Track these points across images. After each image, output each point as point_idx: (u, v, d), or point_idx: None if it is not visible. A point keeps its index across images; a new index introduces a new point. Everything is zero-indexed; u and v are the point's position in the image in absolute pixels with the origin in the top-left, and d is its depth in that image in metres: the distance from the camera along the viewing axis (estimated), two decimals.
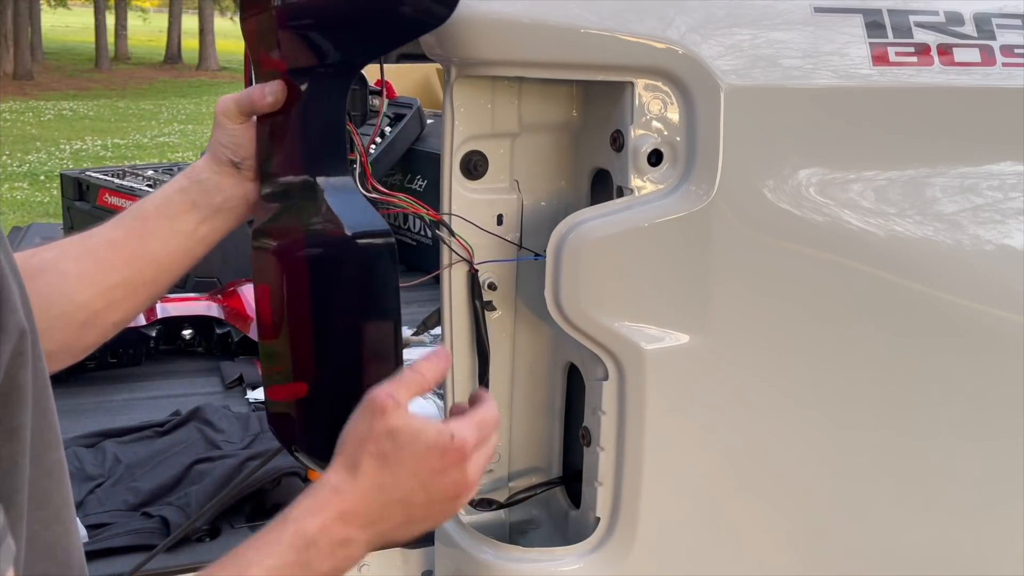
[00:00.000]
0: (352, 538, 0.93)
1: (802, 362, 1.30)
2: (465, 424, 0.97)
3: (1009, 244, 1.40)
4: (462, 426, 0.97)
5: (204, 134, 14.89)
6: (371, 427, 0.96)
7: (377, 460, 0.94)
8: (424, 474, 0.95)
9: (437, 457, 0.95)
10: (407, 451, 0.95)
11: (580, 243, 1.19)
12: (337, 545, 0.93)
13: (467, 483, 0.97)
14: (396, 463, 0.94)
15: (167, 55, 29.95)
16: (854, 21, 1.29)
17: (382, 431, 0.95)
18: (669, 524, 1.29)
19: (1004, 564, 1.47)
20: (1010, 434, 1.42)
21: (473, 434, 0.97)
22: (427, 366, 1.01)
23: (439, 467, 0.95)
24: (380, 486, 0.94)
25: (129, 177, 3.56)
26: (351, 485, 0.94)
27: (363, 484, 0.94)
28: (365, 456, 0.95)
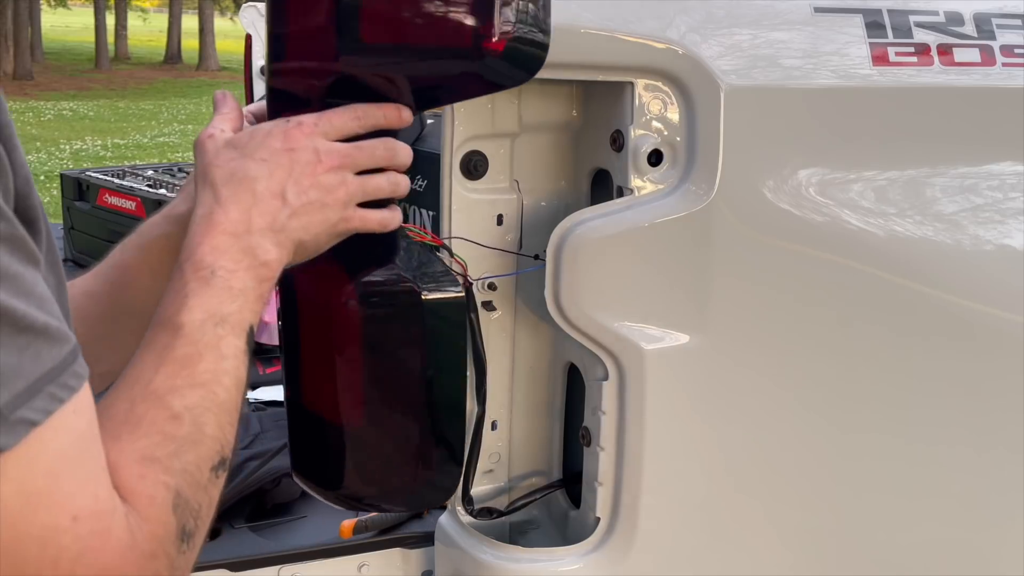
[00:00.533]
0: (252, 245, 0.93)
1: (802, 362, 1.30)
2: (305, 114, 0.98)
3: (1009, 244, 1.40)
4: (300, 115, 0.98)
5: None
6: (205, 152, 0.98)
7: (227, 171, 0.95)
8: (276, 157, 0.95)
9: (280, 138, 0.96)
10: (250, 147, 0.96)
11: (580, 243, 1.19)
12: (240, 257, 0.92)
13: (320, 159, 0.96)
14: (246, 159, 0.95)
15: (167, 55, 29.97)
16: (854, 21, 1.29)
17: (220, 147, 0.97)
18: (669, 524, 1.29)
19: (1004, 564, 1.47)
20: (1010, 434, 1.42)
21: (311, 116, 0.97)
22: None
23: (285, 147, 0.95)
24: (240, 187, 0.94)
25: (129, 177, 3.56)
26: (215, 204, 0.94)
27: (225, 196, 0.94)
28: (215, 175, 0.95)
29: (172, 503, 0.81)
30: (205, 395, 0.87)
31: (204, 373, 0.87)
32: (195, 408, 0.86)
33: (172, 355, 0.87)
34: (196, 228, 0.93)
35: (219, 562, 1.87)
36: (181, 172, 3.68)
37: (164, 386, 0.86)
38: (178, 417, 0.85)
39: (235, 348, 0.90)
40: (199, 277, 0.90)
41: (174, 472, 0.82)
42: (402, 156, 1.03)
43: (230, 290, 0.91)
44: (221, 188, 0.94)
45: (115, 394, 0.87)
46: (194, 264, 0.91)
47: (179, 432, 0.84)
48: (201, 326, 0.88)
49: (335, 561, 1.93)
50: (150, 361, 0.87)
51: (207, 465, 0.85)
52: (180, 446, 0.83)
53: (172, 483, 0.82)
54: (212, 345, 0.88)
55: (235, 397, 0.89)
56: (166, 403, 0.85)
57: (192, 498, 0.83)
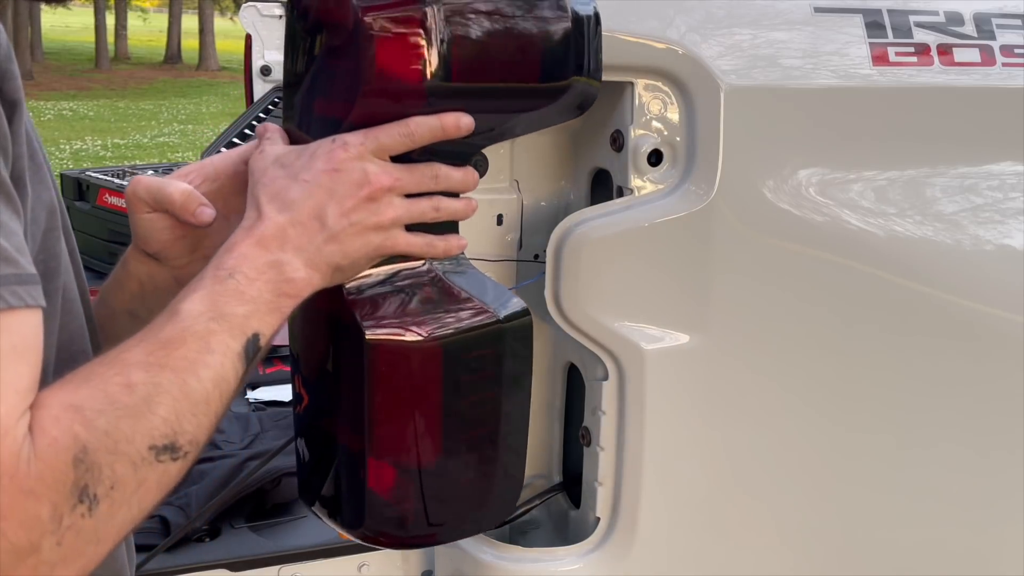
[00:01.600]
0: (281, 260, 0.92)
1: (802, 362, 1.30)
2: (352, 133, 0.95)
3: (1009, 244, 1.40)
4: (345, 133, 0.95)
5: (204, 134, 14.90)
6: (253, 171, 0.96)
7: (271, 187, 0.94)
8: (319, 178, 0.93)
9: (324, 159, 0.93)
10: (295, 166, 0.94)
11: (580, 243, 1.19)
12: (264, 268, 0.91)
13: (369, 180, 0.93)
14: (290, 180, 0.94)
15: (167, 55, 29.96)
16: (854, 21, 1.29)
17: (268, 164, 0.96)
18: (669, 524, 1.29)
19: (1004, 564, 1.47)
20: (1010, 434, 1.42)
21: (357, 135, 0.94)
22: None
23: (329, 167, 0.93)
24: (284, 206, 0.93)
25: (129, 177, 3.56)
26: (257, 219, 0.93)
27: (267, 211, 0.93)
28: (260, 190, 0.94)
29: (74, 455, 0.79)
30: (172, 379, 0.85)
31: (180, 359, 0.86)
32: (154, 386, 0.84)
33: (157, 335, 0.87)
34: (233, 237, 0.93)
35: (219, 562, 1.87)
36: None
37: (134, 358, 0.85)
38: (131, 387, 0.83)
39: (226, 346, 0.88)
40: (216, 276, 0.90)
41: (93, 429, 0.80)
42: (455, 181, 0.99)
43: (241, 295, 0.90)
44: (265, 206, 0.93)
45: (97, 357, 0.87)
46: (216, 264, 0.91)
47: (123, 400, 0.82)
48: (196, 317, 0.88)
49: (335, 561, 1.93)
50: (139, 337, 0.87)
51: (144, 442, 0.82)
52: (117, 412, 0.82)
53: (84, 437, 0.80)
54: (200, 336, 0.87)
55: (209, 392, 0.87)
56: (126, 372, 0.84)
57: (105, 463, 0.80)
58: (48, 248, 0.90)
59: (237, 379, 0.90)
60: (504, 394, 1.04)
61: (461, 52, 0.94)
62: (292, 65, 1.03)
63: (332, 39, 0.96)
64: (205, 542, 1.90)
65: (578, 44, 1.00)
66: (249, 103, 3.98)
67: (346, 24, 0.93)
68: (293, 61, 1.02)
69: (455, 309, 1.00)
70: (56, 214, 0.92)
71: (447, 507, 1.05)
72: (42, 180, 0.91)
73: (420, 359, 0.99)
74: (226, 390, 0.89)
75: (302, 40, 1.00)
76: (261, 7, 3.89)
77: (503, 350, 1.03)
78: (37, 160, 0.91)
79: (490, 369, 1.03)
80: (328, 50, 0.97)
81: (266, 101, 3.89)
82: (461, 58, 0.94)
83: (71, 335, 0.95)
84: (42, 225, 0.89)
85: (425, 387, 1.00)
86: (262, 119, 3.86)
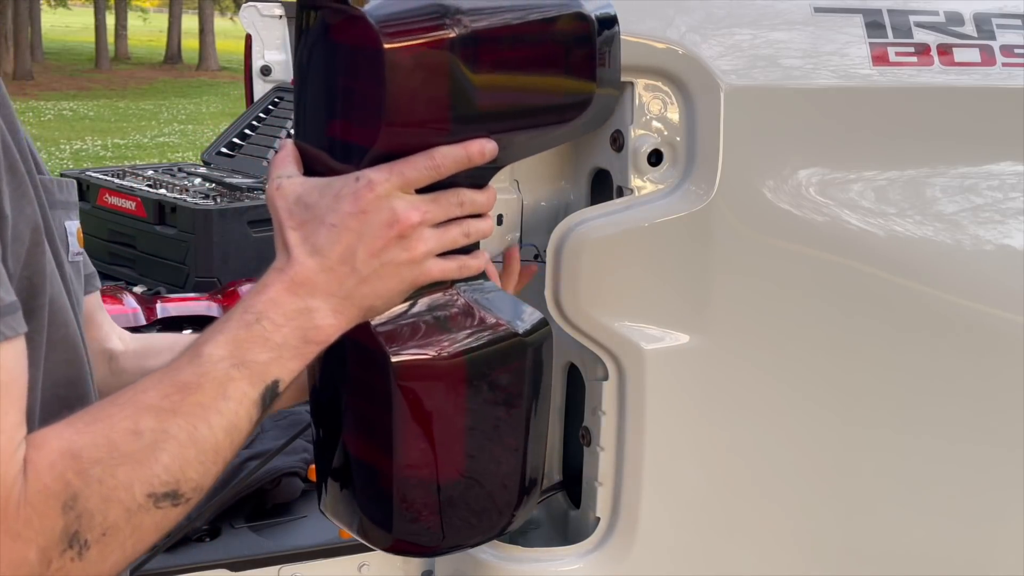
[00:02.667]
0: (311, 307, 0.91)
1: (802, 362, 1.30)
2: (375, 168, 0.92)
3: (1009, 244, 1.40)
4: (369, 168, 0.92)
5: (204, 134, 14.90)
6: (276, 210, 0.95)
7: (299, 230, 0.93)
8: (346, 222, 0.91)
9: (350, 201, 0.91)
10: (320, 207, 0.92)
11: (580, 243, 1.19)
12: (293, 315, 0.91)
13: (398, 219, 0.91)
14: (317, 223, 0.92)
15: (167, 55, 29.95)
16: (854, 21, 1.29)
17: (291, 204, 0.94)
18: (669, 524, 1.29)
19: (1005, 564, 1.47)
20: (1011, 434, 1.42)
21: (382, 172, 0.91)
22: None
23: (356, 210, 0.91)
24: (312, 250, 0.92)
25: (129, 177, 3.56)
26: (288, 262, 0.93)
27: (298, 255, 0.92)
28: (288, 233, 0.93)
29: (63, 502, 0.80)
30: (182, 425, 0.85)
31: (194, 405, 0.86)
32: (161, 433, 0.84)
33: (175, 377, 0.87)
34: (265, 278, 0.93)
35: (219, 562, 1.87)
36: (181, 172, 3.67)
37: (148, 400, 0.86)
38: (137, 433, 0.84)
39: (243, 394, 0.88)
40: (243, 320, 0.90)
41: (87, 478, 0.81)
42: (480, 204, 0.98)
43: (266, 341, 0.90)
44: (294, 248, 0.92)
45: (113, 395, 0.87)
46: (244, 307, 0.91)
47: (126, 447, 0.83)
48: (217, 362, 0.88)
49: (335, 561, 1.92)
50: (158, 376, 0.88)
51: (142, 489, 0.83)
52: (117, 459, 0.82)
53: (76, 485, 0.80)
54: (218, 382, 0.87)
55: (219, 440, 0.87)
56: (136, 417, 0.84)
57: (98, 510, 0.81)
58: (32, 264, 0.89)
59: (251, 426, 0.90)
60: (525, 404, 1.04)
61: (484, 77, 0.93)
62: (307, 82, 1.00)
63: (355, 63, 0.93)
64: (205, 542, 1.89)
65: (599, 55, 0.98)
66: (249, 103, 3.98)
67: (370, 50, 0.90)
68: (308, 78, 0.99)
69: (476, 326, 1.00)
70: (40, 229, 0.91)
71: (472, 516, 1.06)
72: (24, 195, 0.89)
73: (445, 377, 0.98)
74: (237, 438, 0.89)
75: (321, 58, 0.97)
76: (261, 7, 3.89)
77: (524, 363, 1.02)
78: (18, 174, 0.89)
79: (512, 382, 1.02)
80: (350, 74, 0.94)
81: (266, 101, 3.89)
82: (484, 83, 0.93)
83: (56, 345, 0.94)
84: (25, 243, 0.88)
85: (450, 404, 0.99)
86: (262, 119, 3.86)
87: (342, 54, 0.94)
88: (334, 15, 0.94)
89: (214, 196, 3.33)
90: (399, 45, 0.90)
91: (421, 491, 1.02)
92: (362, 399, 1.01)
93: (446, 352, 0.98)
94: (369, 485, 1.04)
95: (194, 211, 3.19)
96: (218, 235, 3.19)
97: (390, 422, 0.97)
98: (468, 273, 1.00)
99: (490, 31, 0.92)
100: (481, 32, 0.92)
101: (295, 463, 1.97)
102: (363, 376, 1.00)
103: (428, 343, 0.97)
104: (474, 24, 0.91)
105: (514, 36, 0.94)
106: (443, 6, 0.91)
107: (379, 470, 1.01)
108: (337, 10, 0.94)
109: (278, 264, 0.93)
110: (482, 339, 0.99)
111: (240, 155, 3.81)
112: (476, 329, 1.00)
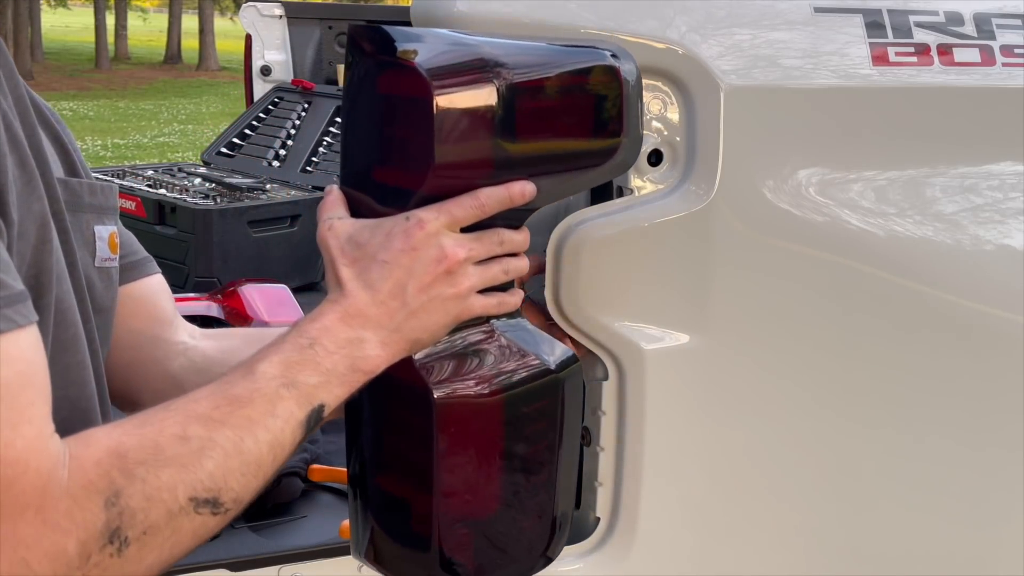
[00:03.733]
0: (361, 337, 0.95)
1: (802, 362, 1.30)
2: (424, 208, 0.97)
3: (1009, 244, 1.40)
4: (418, 208, 0.97)
5: (204, 134, 14.90)
6: (329, 249, 0.99)
7: (352, 267, 0.97)
8: (397, 258, 0.96)
9: (401, 239, 0.96)
10: (372, 245, 0.97)
11: (580, 243, 1.19)
12: (344, 344, 0.95)
13: (446, 256, 0.96)
14: (368, 260, 0.97)
15: (167, 55, 29.95)
16: (854, 21, 1.29)
17: (343, 243, 0.98)
18: (669, 524, 1.29)
19: (1006, 564, 1.47)
20: (1011, 434, 1.42)
21: (431, 212, 0.97)
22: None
23: (407, 247, 0.96)
24: (364, 285, 0.96)
25: (129, 177, 3.56)
26: (342, 294, 0.97)
27: (350, 289, 0.96)
28: (341, 270, 0.97)
29: (106, 498, 0.81)
30: (230, 436, 0.88)
31: (243, 418, 0.89)
32: (208, 441, 0.87)
33: (228, 391, 0.90)
34: (320, 308, 0.97)
35: (219, 562, 1.87)
36: (181, 172, 3.67)
37: (199, 410, 0.88)
38: (185, 439, 0.86)
39: (290, 414, 0.91)
40: (297, 343, 0.94)
41: (131, 476, 0.82)
42: (518, 243, 1.04)
43: (317, 365, 0.93)
44: (348, 283, 0.96)
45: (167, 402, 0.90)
46: (299, 331, 0.95)
47: (173, 451, 0.85)
48: (269, 379, 0.91)
49: (335, 561, 1.92)
50: (211, 388, 0.90)
51: (184, 492, 0.85)
52: (162, 461, 0.84)
53: (120, 483, 0.82)
54: (268, 399, 0.90)
55: (263, 455, 0.90)
56: (185, 423, 0.87)
57: (140, 508, 0.83)
58: (39, 263, 0.91)
59: (293, 446, 0.93)
60: (558, 438, 1.08)
61: (524, 123, 0.99)
62: (353, 129, 1.05)
63: (404, 112, 0.99)
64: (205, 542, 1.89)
65: (628, 106, 1.05)
66: (249, 103, 3.98)
67: (420, 99, 0.96)
68: (354, 125, 1.04)
69: (511, 363, 1.04)
70: (48, 226, 0.92)
71: (511, 548, 1.09)
72: (33, 191, 0.91)
73: (484, 415, 1.03)
74: (280, 455, 0.92)
75: (368, 106, 1.02)
76: (261, 7, 3.88)
77: (557, 398, 1.07)
78: (28, 170, 0.90)
79: (546, 417, 1.07)
80: (399, 122, 1.00)
81: (266, 101, 3.89)
82: (524, 129, 0.99)
83: (63, 345, 0.95)
84: (31, 239, 0.90)
85: (489, 440, 1.04)
86: (262, 119, 3.86)
87: (392, 103, 0.99)
88: (383, 66, 1.00)
89: (214, 196, 3.33)
90: (448, 95, 0.96)
91: (462, 529, 1.05)
92: (401, 436, 1.05)
93: (486, 388, 1.02)
94: (406, 524, 1.07)
95: (194, 211, 3.19)
96: (218, 235, 3.19)
97: (431, 459, 1.01)
98: (506, 309, 1.04)
99: (528, 83, 0.99)
100: (520, 83, 0.98)
101: (295, 463, 1.97)
102: (403, 413, 1.04)
103: (468, 379, 1.02)
104: (514, 76, 0.98)
105: (549, 87, 1.01)
106: (484, 59, 0.98)
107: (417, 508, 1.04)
108: (388, 62, 0.99)
109: (332, 296, 0.98)
110: (519, 375, 1.04)
111: (240, 155, 3.80)
112: (512, 365, 1.04)
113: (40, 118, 1.02)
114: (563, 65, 1.02)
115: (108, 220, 1.07)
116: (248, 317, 2.81)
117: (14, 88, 0.96)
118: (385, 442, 1.06)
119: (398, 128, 0.99)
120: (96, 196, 1.05)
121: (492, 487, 1.05)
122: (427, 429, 1.01)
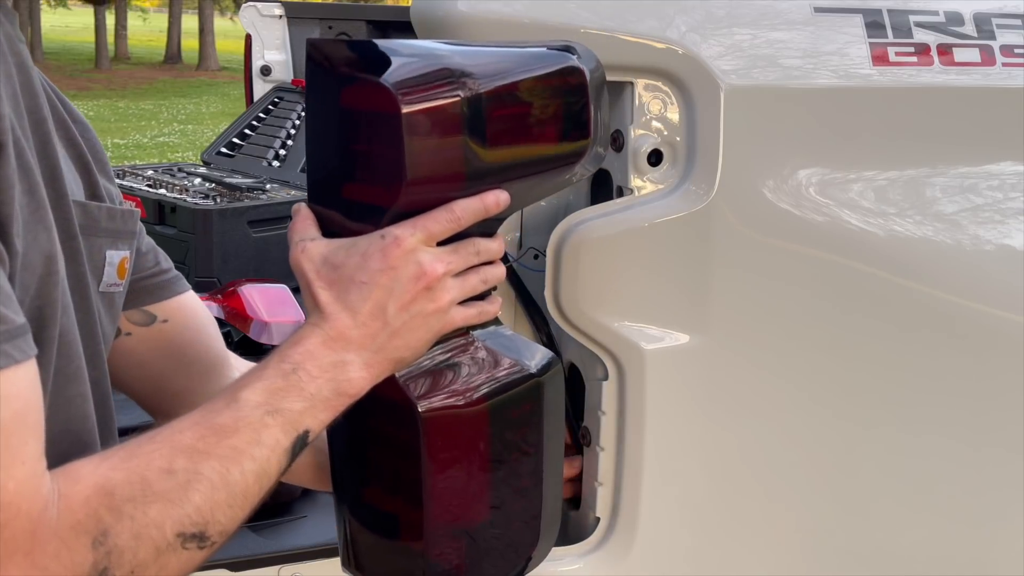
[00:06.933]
0: (344, 360, 0.94)
1: (802, 362, 1.30)
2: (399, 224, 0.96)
3: (1009, 244, 1.40)
4: (393, 225, 0.96)
5: (204, 134, 14.90)
6: (304, 272, 0.97)
7: (330, 289, 0.95)
8: (376, 278, 0.94)
9: (378, 258, 0.94)
10: (349, 266, 0.95)
11: (580, 243, 1.19)
12: (327, 367, 0.94)
13: (425, 272, 0.95)
14: (347, 282, 0.95)
15: (167, 55, 29.95)
16: (854, 21, 1.29)
17: (319, 265, 0.96)
18: (669, 524, 1.29)
19: (1006, 564, 1.47)
20: (1011, 434, 1.42)
21: (406, 228, 0.95)
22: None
23: (385, 266, 0.94)
24: (344, 307, 0.95)
25: (129, 177, 3.56)
26: (321, 318, 0.95)
27: (330, 312, 0.95)
28: (319, 292, 0.96)
29: (94, 538, 0.81)
30: (216, 468, 0.87)
31: (229, 448, 0.88)
32: (194, 474, 0.86)
33: (212, 420, 0.89)
34: (301, 331, 0.96)
35: (219, 562, 1.87)
36: (181, 172, 3.67)
37: (184, 441, 0.87)
38: (171, 473, 0.85)
39: (276, 441, 0.91)
40: (280, 369, 0.93)
41: (119, 514, 0.82)
42: (493, 251, 1.03)
43: (301, 391, 0.92)
44: (328, 306, 0.95)
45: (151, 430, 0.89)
46: (281, 356, 0.94)
47: (160, 486, 0.84)
48: (254, 407, 0.90)
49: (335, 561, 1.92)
50: (195, 417, 0.90)
51: (172, 529, 0.84)
52: (150, 498, 0.83)
53: (108, 522, 0.82)
54: (253, 428, 0.90)
55: (249, 486, 0.89)
56: (171, 456, 0.86)
57: (128, 547, 0.82)
58: (44, 294, 0.88)
59: (279, 475, 0.93)
60: (543, 440, 1.08)
61: (493, 131, 0.98)
62: (319, 146, 1.03)
63: (371, 127, 0.97)
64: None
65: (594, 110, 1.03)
66: (249, 103, 3.98)
67: (388, 114, 0.94)
68: (320, 142, 1.02)
69: (493, 371, 1.04)
70: (56, 258, 0.89)
71: (500, 552, 1.08)
72: (41, 220, 0.88)
73: (470, 424, 1.02)
74: (266, 484, 0.92)
75: (334, 123, 1.01)
76: (261, 7, 3.88)
77: (540, 402, 1.07)
78: (37, 198, 0.88)
79: (530, 421, 1.07)
80: (367, 138, 0.98)
81: (266, 101, 3.89)
82: (494, 137, 0.98)
83: (67, 378, 0.94)
84: (37, 271, 0.87)
85: (476, 449, 1.03)
86: (262, 119, 3.86)
87: (359, 119, 0.98)
88: (346, 82, 0.98)
89: (214, 196, 3.33)
90: (416, 108, 0.94)
91: (451, 538, 1.05)
92: (387, 452, 1.04)
93: (470, 398, 1.02)
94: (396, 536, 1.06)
95: (194, 211, 3.19)
96: (218, 235, 3.19)
97: (419, 472, 1.01)
98: (486, 318, 1.03)
99: (494, 90, 0.97)
100: (487, 92, 0.97)
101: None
102: (388, 428, 1.03)
103: (452, 391, 1.01)
104: (480, 85, 0.96)
105: (516, 93, 1.00)
106: (450, 69, 0.96)
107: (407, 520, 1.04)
108: (351, 77, 0.97)
109: (312, 320, 0.96)
110: (502, 382, 1.04)
111: (240, 155, 3.80)
112: (495, 373, 1.04)
113: (66, 136, 1.00)
114: (528, 70, 1.01)
115: (122, 245, 1.05)
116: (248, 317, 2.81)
117: (35, 110, 0.93)
118: (371, 457, 1.06)
119: (367, 144, 0.98)
120: (114, 221, 1.03)
121: (480, 494, 1.05)
122: (414, 443, 1.00)
